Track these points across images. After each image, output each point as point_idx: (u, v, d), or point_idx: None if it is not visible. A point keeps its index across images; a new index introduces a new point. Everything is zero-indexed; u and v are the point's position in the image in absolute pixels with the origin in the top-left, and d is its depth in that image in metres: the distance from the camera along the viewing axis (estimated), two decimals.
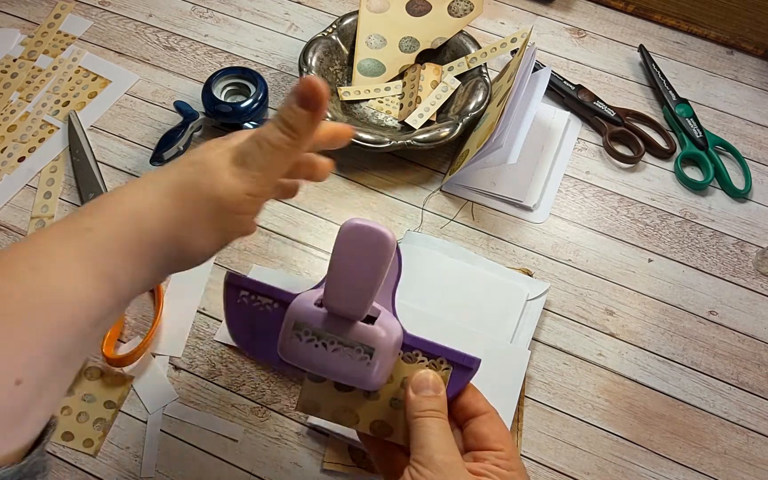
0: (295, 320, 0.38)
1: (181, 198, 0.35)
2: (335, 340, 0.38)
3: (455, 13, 0.75)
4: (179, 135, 0.66)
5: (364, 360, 0.37)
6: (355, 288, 0.37)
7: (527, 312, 0.58)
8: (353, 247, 0.36)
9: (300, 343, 0.38)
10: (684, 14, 0.81)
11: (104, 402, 0.54)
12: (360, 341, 0.38)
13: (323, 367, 0.38)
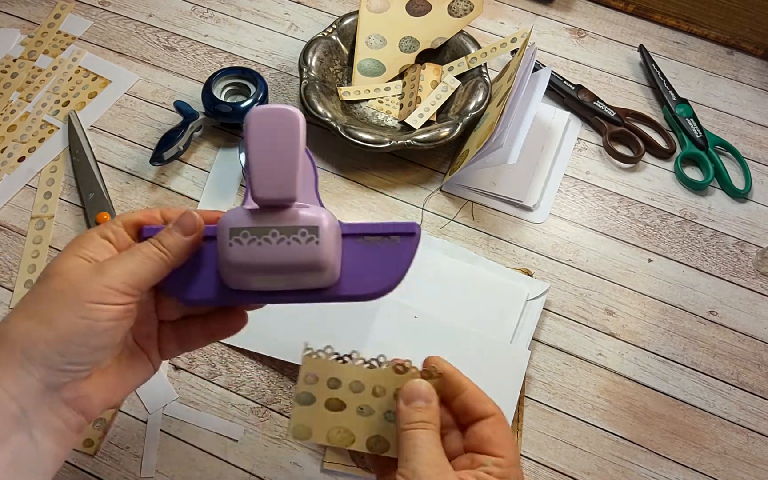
0: (230, 227, 0.37)
1: None
2: (277, 231, 0.36)
3: (455, 13, 0.75)
4: (179, 135, 0.66)
5: (312, 240, 0.36)
6: (278, 169, 0.36)
7: (527, 312, 0.58)
8: (263, 130, 0.36)
9: (242, 248, 0.36)
10: (684, 14, 0.81)
11: None
12: (302, 224, 0.37)
13: (274, 262, 0.36)
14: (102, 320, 0.35)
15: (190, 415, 0.54)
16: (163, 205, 0.64)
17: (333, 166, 0.68)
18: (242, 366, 0.56)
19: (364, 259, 0.40)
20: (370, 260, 0.40)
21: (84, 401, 0.36)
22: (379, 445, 0.39)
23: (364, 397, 0.39)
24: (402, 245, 0.39)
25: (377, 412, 0.39)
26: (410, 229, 0.40)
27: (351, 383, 0.40)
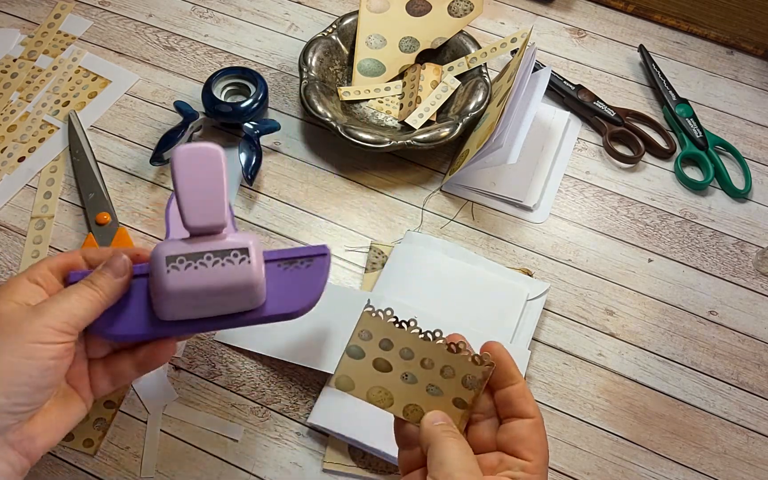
0: (166, 256, 0.39)
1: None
2: (211, 254, 0.39)
3: (455, 13, 0.75)
4: (179, 135, 0.66)
5: (244, 260, 0.39)
6: (207, 198, 0.39)
7: (527, 312, 0.58)
8: (190, 166, 0.39)
9: (180, 274, 0.39)
10: (684, 14, 0.81)
11: (104, 402, 0.53)
12: (233, 246, 0.40)
13: (212, 284, 0.39)
14: (45, 359, 0.36)
15: (190, 415, 0.54)
16: (163, 205, 0.64)
17: (333, 166, 0.68)
18: (242, 366, 0.56)
19: (284, 280, 0.43)
20: (291, 281, 0.43)
21: (28, 443, 0.37)
22: (414, 414, 0.40)
23: (411, 365, 0.40)
24: (316, 265, 0.44)
25: (420, 382, 0.40)
26: (321, 251, 0.44)
27: (402, 349, 0.40)
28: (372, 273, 0.61)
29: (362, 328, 0.40)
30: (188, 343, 0.57)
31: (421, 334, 0.40)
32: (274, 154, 0.69)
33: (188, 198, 0.39)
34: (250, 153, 0.65)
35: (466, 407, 0.40)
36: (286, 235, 0.63)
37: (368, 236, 0.64)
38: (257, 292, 0.40)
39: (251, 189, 0.66)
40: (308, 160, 0.68)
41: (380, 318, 0.40)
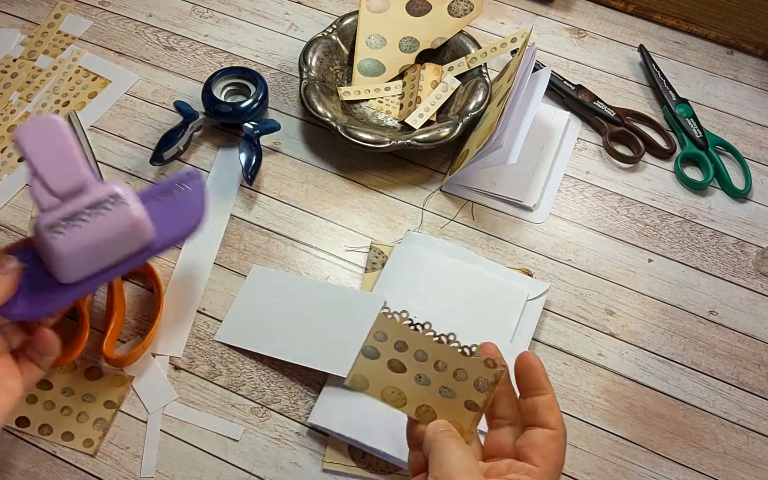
0: (44, 225, 0.40)
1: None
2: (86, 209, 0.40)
3: (455, 13, 0.75)
4: (179, 135, 0.66)
5: (120, 204, 0.41)
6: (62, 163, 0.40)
7: (527, 312, 0.58)
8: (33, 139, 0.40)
9: (66, 236, 0.40)
10: (684, 14, 0.81)
11: (104, 402, 0.54)
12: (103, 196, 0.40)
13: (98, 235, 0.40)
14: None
15: (190, 415, 0.54)
16: None
17: (333, 166, 0.68)
18: (242, 366, 0.56)
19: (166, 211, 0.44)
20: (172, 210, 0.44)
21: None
22: (426, 415, 0.40)
23: (425, 367, 0.40)
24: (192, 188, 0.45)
25: (433, 384, 0.40)
26: (192, 175, 0.46)
27: (416, 351, 0.41)
28: (372, 273, 0.61)
29: (378, 329, 0.41)
30: (188, 344, 0.57)
31: (435, 337, 0.41)
32: (274, 154, 0.69)
33: (44, 169, 0.40)
34: (250, 153, 0.65)
35: (477, 410, 0.40)
36: (286, 235, 0.63)
37: (368, 236, 0.64)
38: (144, 229, 0.42)
39: (251, 189, 0.66)
40: (308, 160, 0.68)
41: (396, 320, 0.41)
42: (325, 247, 0.63)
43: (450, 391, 0.40)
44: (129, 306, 0.59)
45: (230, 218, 0.64)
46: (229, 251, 0.62)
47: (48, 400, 0.54)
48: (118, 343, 0.57)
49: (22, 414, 0.53)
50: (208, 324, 0.58)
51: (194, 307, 0.59)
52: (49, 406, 0.54)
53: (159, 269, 0.60)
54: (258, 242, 0.63)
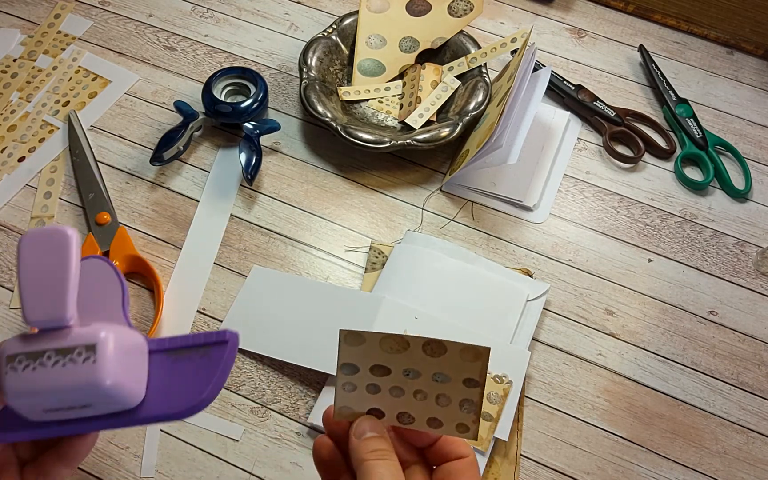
0: (6, 355, 0.35)
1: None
2: (53, 353, 0.34)
3: (455, 13, 0.75)
4: (179, 135, 0.66)
5: (89, 359, 0.34)
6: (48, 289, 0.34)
7: (527, 312, 0.58)
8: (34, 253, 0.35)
9: (17, 375, 0.34)
10: (684, 14, 0.81)
11: None
12: (78, 343, 0.34)
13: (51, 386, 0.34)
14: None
15: None
16: (163, 205, 0.64)
17: (333, 166, 0.68)
18: (242, 366, 0.56)
19: (173, 374, 0.37)
20: (181, 375, 0.37)
21: None
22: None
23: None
24: (213, 355, 0.37)
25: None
26: (221, 338, 0.37)
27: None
28: (372, 273, 0.61)
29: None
30: None
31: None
32: (274, 154, 0.69)
33: (27, 290, 0.34)
34: (250, 153, 0.65)
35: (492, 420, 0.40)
36: (286, 235, 0.63)
37: (368, 236, 0.64)
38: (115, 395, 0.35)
39: (251, 189, 0.66)
40: (308, 160, 0.68)
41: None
42: (325, 247, 0.63)
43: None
44: (129, 305, 0.58)
45: (230, 218, 0.64)
46: (229, 251, 0.62)
47: None
48: None
49: None
50: (208, 324, 0.58)
51: (194, 307, 0.59)
52: None
53: (159, 269, 0.60)
54: (258, 242, 0.63)
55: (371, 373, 0.37)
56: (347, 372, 0.37)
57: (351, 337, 0.37)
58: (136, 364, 0.37)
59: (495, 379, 0.48)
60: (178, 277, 0.60)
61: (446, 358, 0.37)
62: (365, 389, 0.38)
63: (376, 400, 0.38)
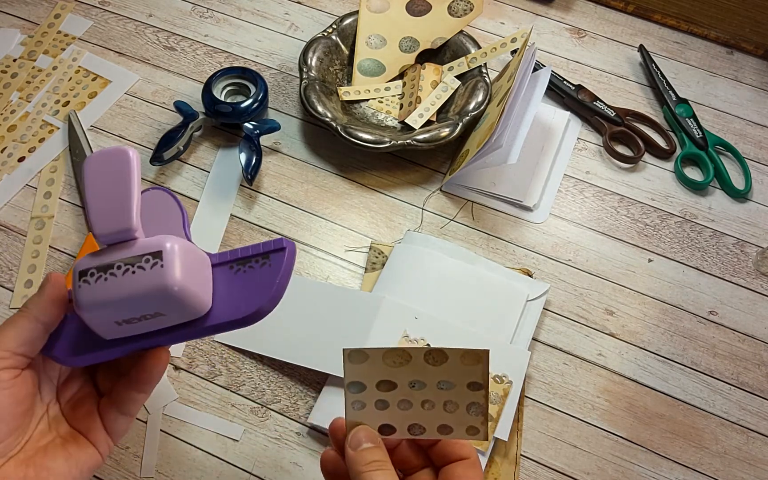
0: (78, 271, 0.36)
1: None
2: (122, 263, 0.36)
3: (455, 13, 0.75)
4: (179, 135, 0.66)
5: (156, 264, 0.35)
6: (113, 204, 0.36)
7: (527, 312, 0.58)
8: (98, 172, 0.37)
9: (90, 287, 0.36)
10: (684, 14, 0.81)
11: None
12: (145, 250, 0.36)
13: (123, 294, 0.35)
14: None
15: (190, 415, 0.54)
16: None
17: (333, 166, 0.68)
18: (242, 366, 0.56)
19: (237, 285, 0.38)
20: (244, 284, 0.38)
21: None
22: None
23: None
24: (274, 263, 0.38)
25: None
26: (279, 245, 0.38)
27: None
28: (372, 273, 0.61)
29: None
30: (188, 344, 0.57)
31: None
32: (274, 154, 0.69)
33: (94, 205, 0.36)
34: (250, 153, 0.65)
35: (492, 420, 0.40)
36: (286, 235, 0.63)
37: (368, 236, 0.64)
38: (184, 300, 0.36)
39: (251, 189, 0.66)
40: (308, 160, 0.68)
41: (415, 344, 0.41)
42: (325, 247, 0.63)
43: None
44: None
45: (230, 218, 0.64)
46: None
47: None
48: None
49: None
50: None
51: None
52: None
53: None
54: (258, 242, 0.63)
55: (378, 389, 0.38)
56: (354, 390, 0.38)
57: (354, 355, 0.37)
58: (202, 273, 0.38)
59: (495, 379, 0.48)
60: None
61: (448, 365, 0.37)
62: (374, 406, 0.39)
63: (385, 415, 0.39)
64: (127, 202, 0.36)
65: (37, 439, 0.38)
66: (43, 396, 0.39)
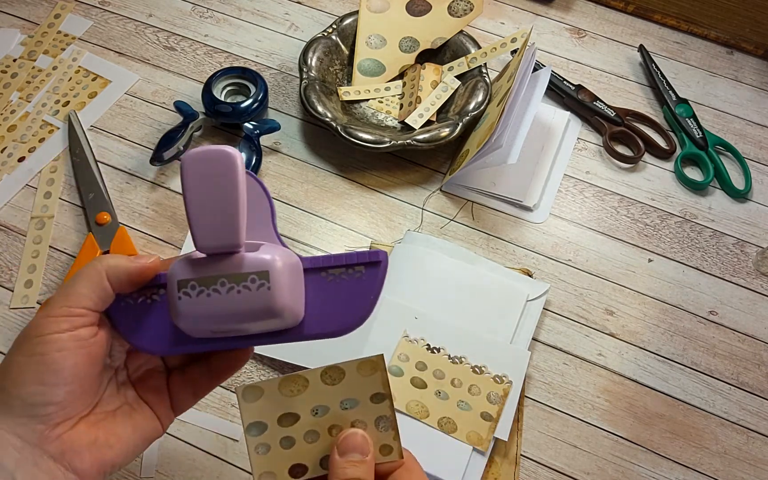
0: (177, 280, 0.35)
1: None
2: (225, 280, 0.34)
3: (455, 13, 0.75)
4: (179, 135, 0.66)
5: (263, 286, 0.34)
6: (219, 215, 0.34)
7: (527, 312, 0.58)
8: (200, 176, 0.34)
9: (192, 301, 0.35)
10: (684, 14, 0.81)
11: None
12: (251, 269, 0.34)
13: (227, 312, 0.35)
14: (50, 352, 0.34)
15: (190, 415, 0.53)
16: (163, 205, 0.64)
17: (333, 166, 0.68)
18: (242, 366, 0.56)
19: (328, 294, 0.38)
20: (335, 295, 0.38)
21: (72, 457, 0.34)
22: (448, 426, 0.43)
23: (443, 384, 0.44)
24: (367, 276, 0.37)
25: (452, 398, 0.45)
26: (375, 258, 0.37)
27: (435, 370, 0.46)
28: None
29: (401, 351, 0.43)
30: None
31: (449, 359, 0.43)
32: (274, 154, 0.69)
33: (196, 216, 0.34)
34: (250, 153, 0.65)
35: (492, 420, 0.41)
36: (286, 235, 0.63)
37: (368, 236, 0.64)
38: (285, 317, 0.36)
39: None
40: (308, 160, 0.68)
41: (416, 344, 0.44)
42: (325, 247, 0.63)
43: (467, 404, 0.41)
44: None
45: None
46: None
47: None
48: None
49: None
50: None
51: None
52: None
53: None
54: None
55: (280, 425, 0.36)
56: (256, 433, 0.36)
57: (248, 392, 0.36)
58: (299, 284, 0.37)
59: (495, 379, 0.48)
60: None
61: (347, 381, 0.36)
62: (279, 445, 0.36)
63: (293, 454, 0.36)
64: (235, 216, 0.34)
65: (105, 403, 0.37)
66: (113, 359, 0.38)
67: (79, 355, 0.35)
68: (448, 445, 0.50)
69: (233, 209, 0.34)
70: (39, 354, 0.34)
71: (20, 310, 0.58)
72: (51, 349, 0.34)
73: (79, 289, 0.35)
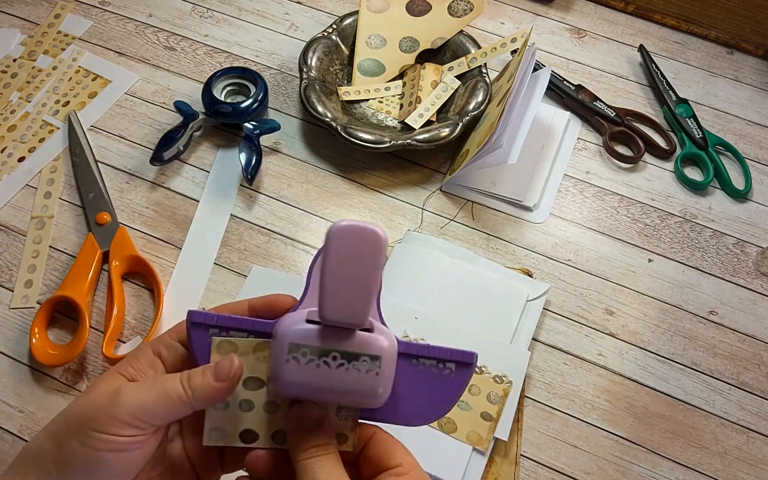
0: (289, 343, 0.34)
1: None
2: (338, 354, 0.34)
3: (455, 13, 0.75)
4: (179, 135, 0.66)
5: (372, 371, 0.34)
6: (352, 293, 0.34)
7: (527, 312, 0.58)
8: (346, 250, 0.34)
9: (299, 367, 0.34)
10: (684, 14, 0.81)
11: None
12: (365, 351, 0.35)
13: (330, 386, 0.34)
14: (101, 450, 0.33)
15: None
16: (163, 205, 0.64)
17: (333, 166, 0.68)
18: None
19: (414, 383, 0.38)
20: (420, 386, 0.38)
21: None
22: (447, 426, 0.41)
23: None
24: (456, 376, 0.37)
25: None
26: (468, 359, 0.37)
27: None
28: None
29: None
30: None
31: None
32: (274, 154, 0.69)
33: (331, 287, 0.34)
34: (250, 153, 0.65)
35: (492, 420, 0.40)
36: (286, 235, 0.63)
37: None
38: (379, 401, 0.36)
39: (251, 189, 0.66)
40: (308, 160, 0.68)
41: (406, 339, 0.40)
42: None
43: (466, 404, 0.40)
44: (129, 306, 0.59)
45: (230, 218, 0.64)
46: (229, 251, 0.62)
47: None
48: (118, 343, 0.56)
49: None
50: None
51: (194, 308, 0.59)
52: None
53: (159, 269, 0.60)
54: (258, 242, 0.63)
55: (244, 387, 0.35)
56: None
57: (223, 345, 0.35)
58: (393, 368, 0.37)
59: (495, 378, 0.48)
60: (178, 278, 0.60)
61: None
62: (238, 406, 0.36)
63: (249, 419, 0.35)
64: (368, 298, 0.34)
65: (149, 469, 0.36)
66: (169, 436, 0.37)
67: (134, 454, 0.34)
68: (448, 445, 0.50)
69: (368, 291, 0.34)
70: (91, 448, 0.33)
71: (20, 310, 0.58)
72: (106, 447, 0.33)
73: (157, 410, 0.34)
